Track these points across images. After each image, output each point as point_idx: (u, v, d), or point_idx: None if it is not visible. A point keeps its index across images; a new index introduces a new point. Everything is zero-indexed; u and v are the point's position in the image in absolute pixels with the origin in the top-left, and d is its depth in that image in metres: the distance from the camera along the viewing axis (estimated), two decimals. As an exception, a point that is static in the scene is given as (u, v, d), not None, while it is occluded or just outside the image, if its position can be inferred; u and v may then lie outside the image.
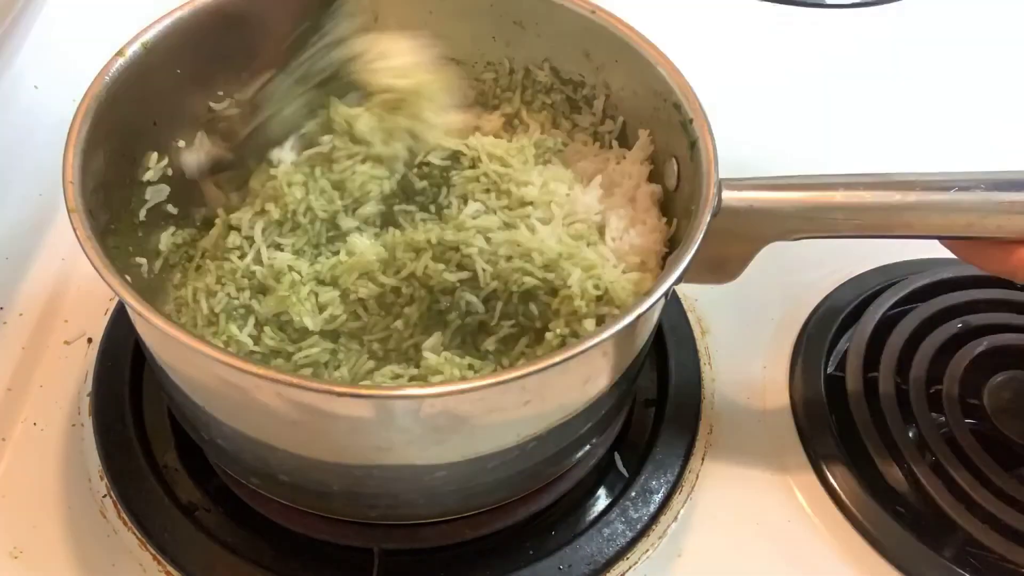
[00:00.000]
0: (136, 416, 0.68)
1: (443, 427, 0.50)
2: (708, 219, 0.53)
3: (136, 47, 0.58)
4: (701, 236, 0.52)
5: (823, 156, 0.89)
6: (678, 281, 0.51)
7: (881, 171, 0.58)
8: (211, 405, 0.55)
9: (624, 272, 0.59)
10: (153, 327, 0.47)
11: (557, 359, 0.47)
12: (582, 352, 0.47)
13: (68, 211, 0.51)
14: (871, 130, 0.93)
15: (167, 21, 0.60)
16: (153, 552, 0.63)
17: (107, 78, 0.57)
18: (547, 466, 0.60)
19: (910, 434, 0.67)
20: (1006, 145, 0.90)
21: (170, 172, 0.63)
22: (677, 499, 0.67)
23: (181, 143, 0.64)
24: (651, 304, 0.50)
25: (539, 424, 0.53)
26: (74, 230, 0.50)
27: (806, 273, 0.80)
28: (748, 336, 0.76)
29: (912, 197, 0.55)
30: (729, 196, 0.55)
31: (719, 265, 0.59)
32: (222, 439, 0.57)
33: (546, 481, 0.63)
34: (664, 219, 0.62)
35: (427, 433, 0.50)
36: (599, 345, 0.48)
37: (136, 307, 0.48)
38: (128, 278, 0.53)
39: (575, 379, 0.53)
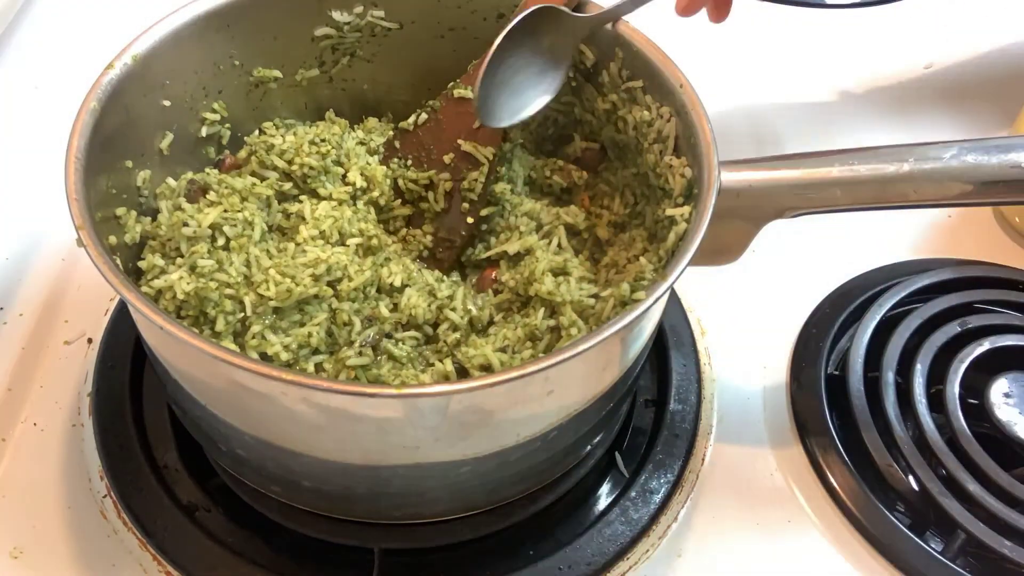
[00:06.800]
0: (136, 416, 0.68)
1: (470, 422, 0.50)
2: (714, 200, 0.53)
3: (132, 53, 0.58)
4: (708, 217, 0.53)
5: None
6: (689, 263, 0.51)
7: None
8: (230, 415, 0.54)
9: None
10: (175, 338, 0.46)
11: (580, 348, 0.47)
12: (603, 340, 0.48)
13: (76, 229, 0.50)
14: (871, 130, 0.93)
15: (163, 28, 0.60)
16: (153, 552, 0.63)
17: (105, 83, 0.56)
18: (566, 455, 0.60)
19: (910, 434, 0.67)
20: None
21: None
22: (677, 499, 0.67)
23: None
24: (667, 287, 0.51)
25: (560, 413, 0.54)
26: (85, 248, 0.50)
27: (806, 274, 0.80)
28: (748, 336, 0.76)
29: (906, 168, 0.56)
30: (726, 177, 0.56)
31: (722, 247, 0.60)
32: (243, 449, 0.56)
33: (565, 470, 0.64)
34: None
35: (454, 428, 0.50)
36: (618, 332, 0.48)
37: (159, 321, 0.46)
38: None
39: (595, 366, 0.54)
